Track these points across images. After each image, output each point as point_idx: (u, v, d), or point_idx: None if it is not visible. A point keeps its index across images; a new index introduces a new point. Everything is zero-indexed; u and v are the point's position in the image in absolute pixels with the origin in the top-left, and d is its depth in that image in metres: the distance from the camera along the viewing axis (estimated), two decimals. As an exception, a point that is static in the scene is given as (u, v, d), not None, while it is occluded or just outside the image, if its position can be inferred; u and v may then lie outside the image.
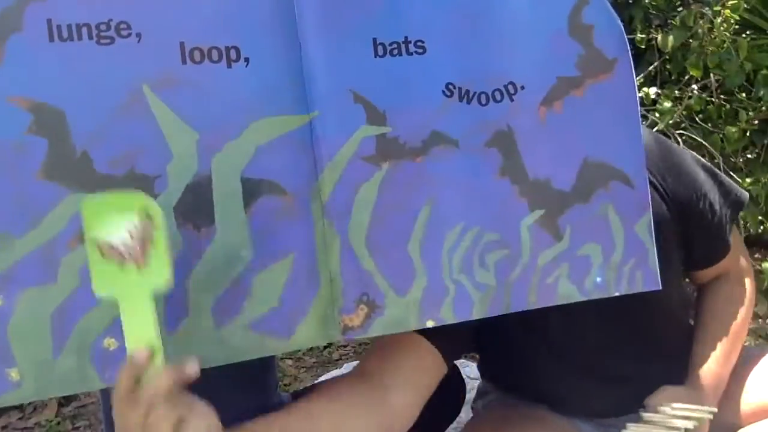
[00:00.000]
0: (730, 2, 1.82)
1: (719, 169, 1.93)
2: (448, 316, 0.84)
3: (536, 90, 0.86)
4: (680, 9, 2.00)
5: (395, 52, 0.80)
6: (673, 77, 2.10)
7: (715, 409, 1.01)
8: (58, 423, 2.23)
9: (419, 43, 0.81)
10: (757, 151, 2.09)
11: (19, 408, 2.29)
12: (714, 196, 1.09)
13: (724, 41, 1.84)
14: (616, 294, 0.90)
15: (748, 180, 1.97)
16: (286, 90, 0.78)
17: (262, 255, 0.78)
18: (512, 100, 0.84)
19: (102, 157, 0.71)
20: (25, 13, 0.69)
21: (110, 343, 0.73)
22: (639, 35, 1.99)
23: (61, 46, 0.70)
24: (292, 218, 0.79)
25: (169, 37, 0.74)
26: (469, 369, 1.63)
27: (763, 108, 1.97)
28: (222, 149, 0.76)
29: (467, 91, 0.83)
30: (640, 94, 2.03)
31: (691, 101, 1.99)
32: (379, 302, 0.81)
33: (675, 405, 1.01)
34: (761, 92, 1.95)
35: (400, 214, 0.82)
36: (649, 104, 2.03)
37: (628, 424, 1.00)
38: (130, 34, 0.72)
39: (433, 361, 0.95)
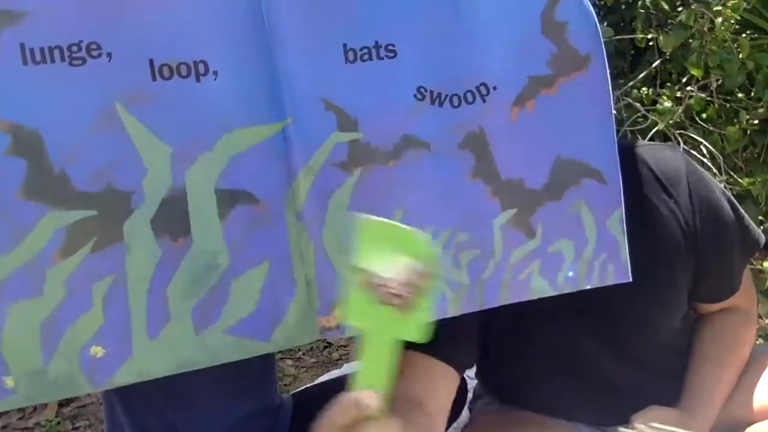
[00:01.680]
0: (731, 2, 1.82)
1: (720, 169, 1.94)
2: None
3: (508, 90, 0.86)
4: (680, 9, 2.00)
5: (366, 57, 0.81)
6: (673, 77, 2.10)
7: None
8: (58, 423, 2.23)
9: (390, 47, 0.81)
10: (757, 151, 2.09)
11: (20, 408, 2.29)
12: (734, 235, 1.08)
13: (725, 41, 1.84)
14: (588, 287, 0.91)
15: (747, 180, 1.97)
16: (258, 100, 0.79)
17: (239, 262, 0.80)
18: (484, 101, 0.84)
19: (79, 174, 0.74)
20: None
21: (96, 350, 0.76)
22: (639, 35, 1.99)
23: (35, 69, 0.72)
24: (266, 226, 0.80)
25: (138, 55, 0.75)
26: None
27: (763, 108, 1.97)
28: (195, 162, 0.77)
29: (439, 94, 0.83)
30: (640, 94, 2.03)
31: (691, 101, 1.98)
32: None
33: (653, 424, 1.00)
34: (761, 92, 1.95)
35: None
36: (649, 104, 2.03)
37: None
38: (100, 54, 0.74)
39: (447, 375, 0.99)
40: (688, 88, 2.00)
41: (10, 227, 0.72)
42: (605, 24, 1.97)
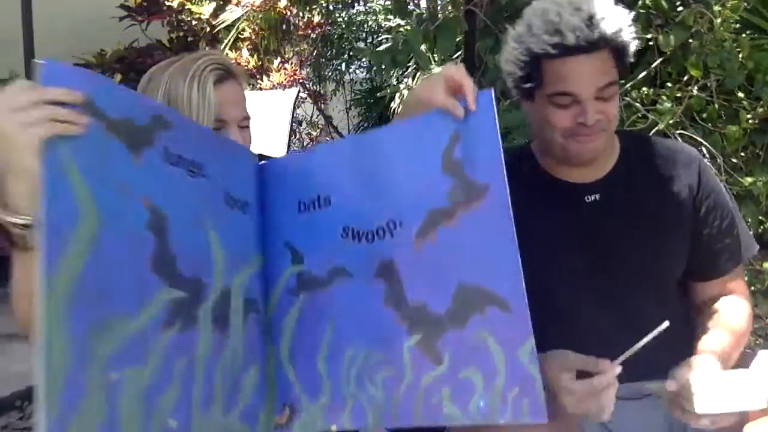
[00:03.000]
0: (731, 2, 1.82)
1: (720, 170, 1.94)
2: (348, 423, 0.97)
3: (412, 224, 0.97)
4: (680, 9, 2.00)
5: (312, 207, 1.03)
6: (673, 77, 2.10)
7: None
8: (59, 423, 2.23)
9: (327, 198, 1.03)
10: (757, 151, 2.09)
11: (20, 408, 2.29)
12: (729, 222, 1.25)
13: (725, 41, 1.84)
14: (502, 422, 0.91)
15: (748, 179, 1.97)
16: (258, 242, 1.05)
17: (249, 359, 0.98)
18: (393, 235, 0.98)
19: (182, 259, 0.89)
20: (154, 135, 0.88)
21: (172, 423, 0.84)
22: (639, 35, 1.99)
23: (169, 168, 0.90)
24: (262, 332, 1.01)
25: (219, 185, 0.99)
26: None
27: (763, 108, 1.97)
28: (239, 271, 0.98)
29: (358, 232, 1.00)
30: (640, 94, 2.03)
31: (691, 101, 1.99)
32: (297, 406, 1.00)
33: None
34: (761, 92, 1.95)
35: (312, 334, 1.01)
36: (649, 104, 2.03)
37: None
38: (203, 175, 0.95)
39: None
40: (688, 88, 2.00)
41: (140, 294, 0.82)
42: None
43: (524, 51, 1.18)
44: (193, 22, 4.63)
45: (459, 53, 3.25)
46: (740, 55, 1.86)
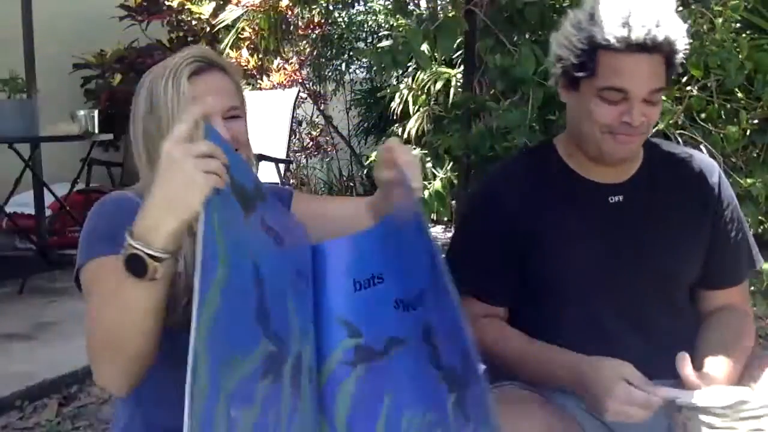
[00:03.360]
0: (731, 2, 1.82)
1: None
2: None
3: (439, 289, 1.00)
4: (680, 9, 2.00)
5: (366, 285, 1.08)
6: (673, 77, 2.10)
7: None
8: (58, 423, 2.23)
9: (380, 276, 1.08)
10: (757, 151, 2.09)
11: (19, 408, 2.29)
12: (742, 235, 1.30)
13: (725, 41, 1.84)
14: None
15: (748, 180, 1.97)
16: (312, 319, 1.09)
17: (314, 428, 1.01)
18: (437, 300, 1.01)
19: (274, 316, 0.93)
20: (257, 203, 0.96)
21: None
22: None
23: (264, 234, 0.97)
24: (318, 403, 1.04)
25: (288, 260, 1.03)
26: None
27: (763, 108, 1.97)
28: (305, 341, 1.02)
29: (404, 302, 1.06)
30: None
31: (691, 101, 1.99)
32: None
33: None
34: (761, 92, 1.95)
35: (369, 403, 1.05)
36: (649, 104, 2.03)
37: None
38: (285, 247, 1.02)
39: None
40: (688, 88, 2.00)
41: (249, 340, 0.88)
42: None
43: (584, 38, 1.15)
44: (193, 22, 4.63)
45: (459, 53, 3.25)
46: (740, 55, 1.86)
